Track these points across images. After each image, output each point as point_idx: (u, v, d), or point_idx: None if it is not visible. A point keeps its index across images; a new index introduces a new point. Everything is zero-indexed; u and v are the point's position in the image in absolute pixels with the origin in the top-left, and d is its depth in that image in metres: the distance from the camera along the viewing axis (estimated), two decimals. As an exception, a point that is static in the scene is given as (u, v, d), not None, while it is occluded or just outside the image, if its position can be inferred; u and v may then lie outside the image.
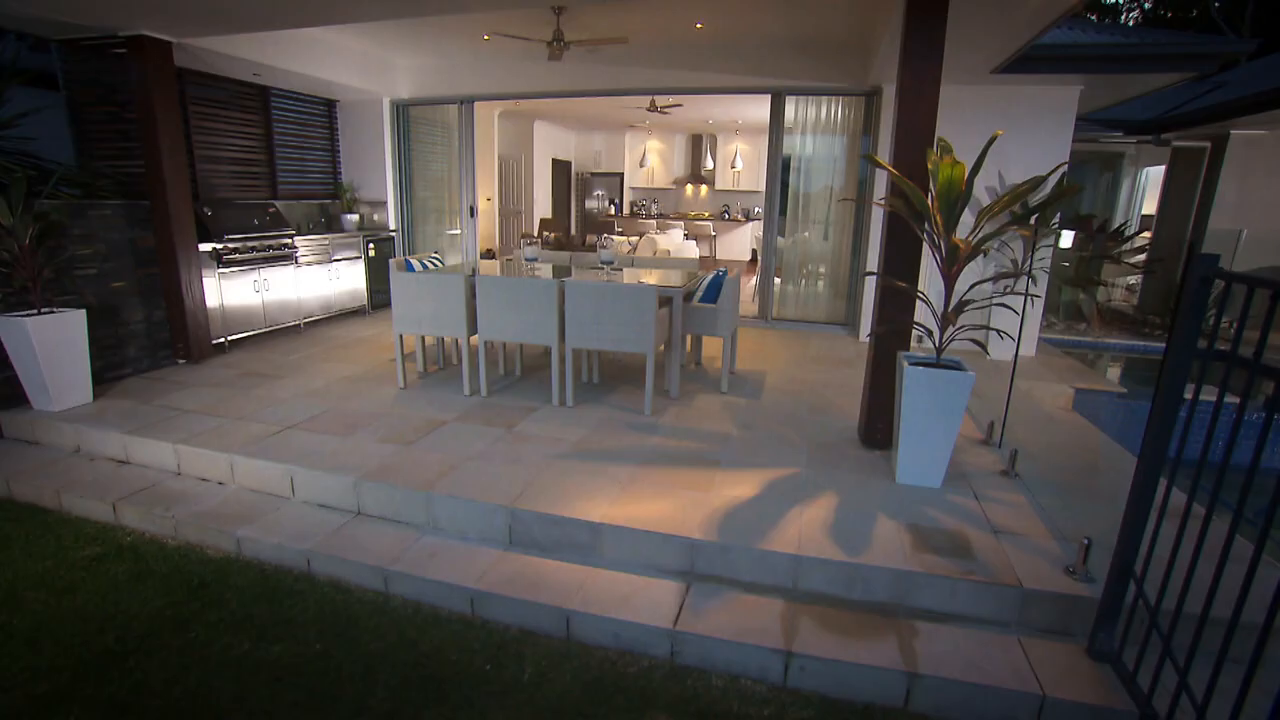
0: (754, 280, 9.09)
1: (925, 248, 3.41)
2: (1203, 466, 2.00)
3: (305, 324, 6.84)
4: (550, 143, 12.78)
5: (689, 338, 5.63)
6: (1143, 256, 9.01)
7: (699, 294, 4.80)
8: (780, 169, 7.01)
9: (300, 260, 6.60)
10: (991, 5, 3.86)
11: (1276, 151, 8.36)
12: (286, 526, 3.32)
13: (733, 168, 13.85)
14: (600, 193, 14.53)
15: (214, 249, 5.71)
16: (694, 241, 11.07)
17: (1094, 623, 2.49)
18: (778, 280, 7.50)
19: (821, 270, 7.36)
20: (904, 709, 2.41)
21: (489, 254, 10.93)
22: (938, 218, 3.05)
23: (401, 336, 4.87)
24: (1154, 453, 2.22)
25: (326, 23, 5.93)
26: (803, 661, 2.47)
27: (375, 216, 8.21)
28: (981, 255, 3.32)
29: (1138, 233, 9.59)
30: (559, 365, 4.51)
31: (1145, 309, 9.28)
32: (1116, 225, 8.96)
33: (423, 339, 5.39)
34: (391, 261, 5.14)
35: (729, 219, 13.76)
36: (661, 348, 4.85)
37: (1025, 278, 6.30)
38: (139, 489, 3.70)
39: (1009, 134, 6.31)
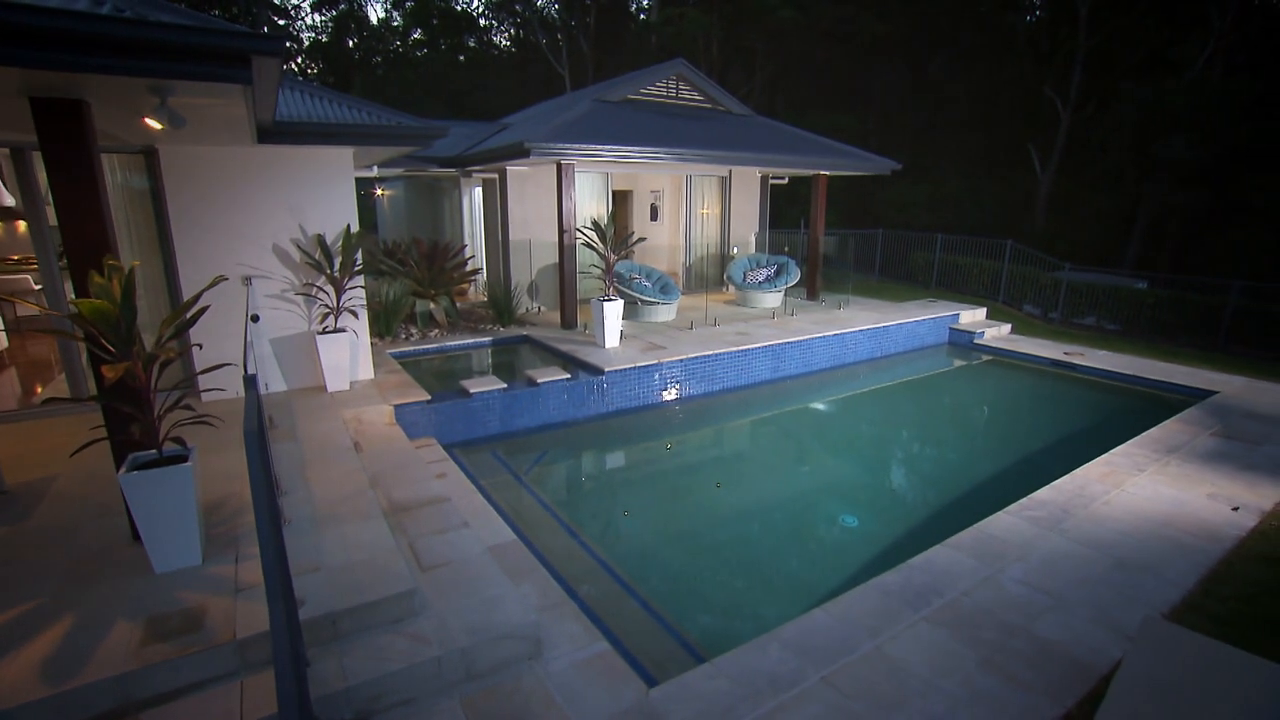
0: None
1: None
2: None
3: None
4: None
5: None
6: (471, 266, 11.23)
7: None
8: (46, 227, 6.27)
9: None
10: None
11: (535, 184, 11.41)
12: None
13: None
14: None
15: None
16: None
17: (293, 644, 3.24)
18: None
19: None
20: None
21: None
22: (104, 340, 3.31)
23: None
24: (259, 469, 3.00)
25: None
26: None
27: None
28: (180, 356, 3.74)
29: (464, 245, 11.83)
30: None
31: (487, 307, 11.61)
32: (446, 242, 10.87)
33: None
34: None
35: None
36: None
37: (344, 314, 7.21)
38: None
39: (304, 189, 7.02)
